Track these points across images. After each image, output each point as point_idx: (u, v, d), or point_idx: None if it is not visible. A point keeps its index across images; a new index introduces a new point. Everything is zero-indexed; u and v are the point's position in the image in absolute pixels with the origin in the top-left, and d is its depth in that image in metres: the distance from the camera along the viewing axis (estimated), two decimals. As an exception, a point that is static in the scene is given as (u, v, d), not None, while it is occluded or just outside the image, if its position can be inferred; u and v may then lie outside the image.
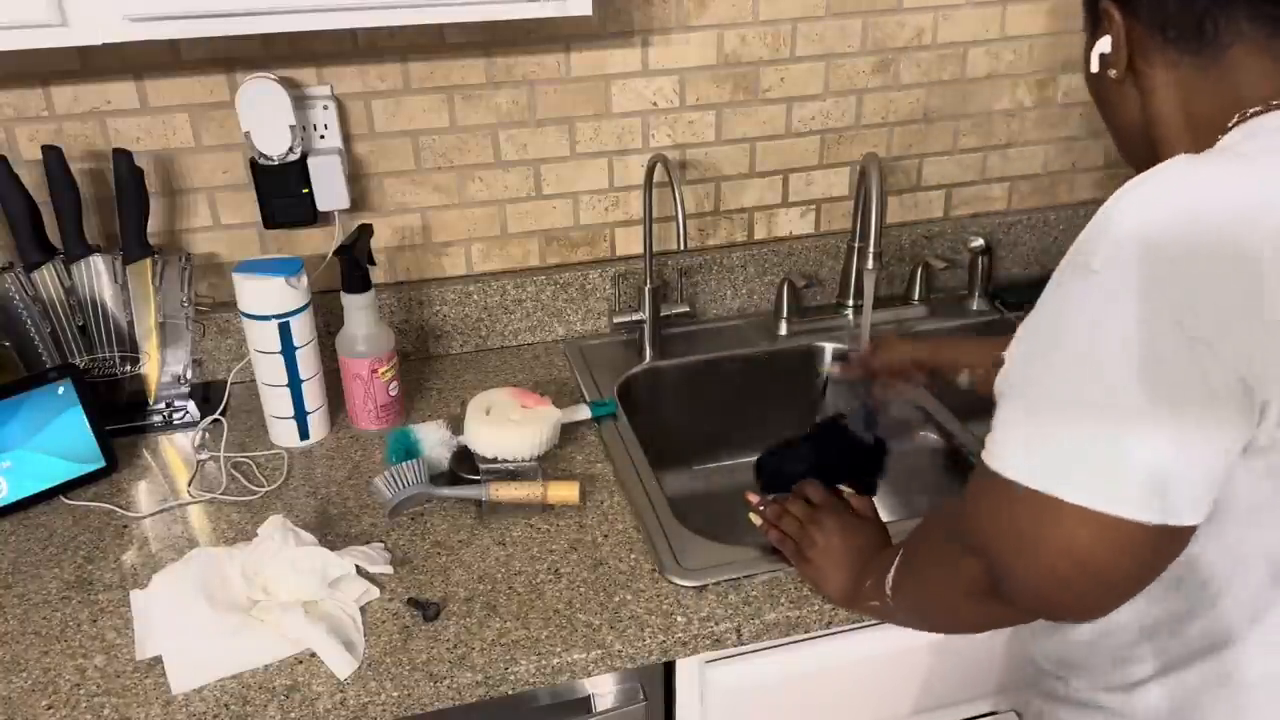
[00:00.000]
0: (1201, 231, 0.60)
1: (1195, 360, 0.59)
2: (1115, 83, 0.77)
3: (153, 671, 0.93)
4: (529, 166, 1.41)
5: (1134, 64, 0.75)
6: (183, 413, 1.31)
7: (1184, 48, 0.72)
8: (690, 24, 1.38)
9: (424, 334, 1.46)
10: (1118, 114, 0.80)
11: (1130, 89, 0.77)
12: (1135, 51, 0.75)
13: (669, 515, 1.10)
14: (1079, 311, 0.63)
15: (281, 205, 1.31)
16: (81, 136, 1.26)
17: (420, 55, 1.31)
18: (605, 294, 1.50)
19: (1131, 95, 0.77)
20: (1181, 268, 0.60)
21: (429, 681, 0.91)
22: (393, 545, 1.08)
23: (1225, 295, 0.59)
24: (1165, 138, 0.75)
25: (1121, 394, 0.61)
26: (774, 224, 1.56)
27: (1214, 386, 0.60)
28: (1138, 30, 0.74)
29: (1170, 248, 0.60)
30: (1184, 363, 0.60)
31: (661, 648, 0.96)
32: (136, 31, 0.99)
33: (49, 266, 1.24)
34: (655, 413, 1.44)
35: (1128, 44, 0.75)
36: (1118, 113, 0.80)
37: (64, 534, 1.11)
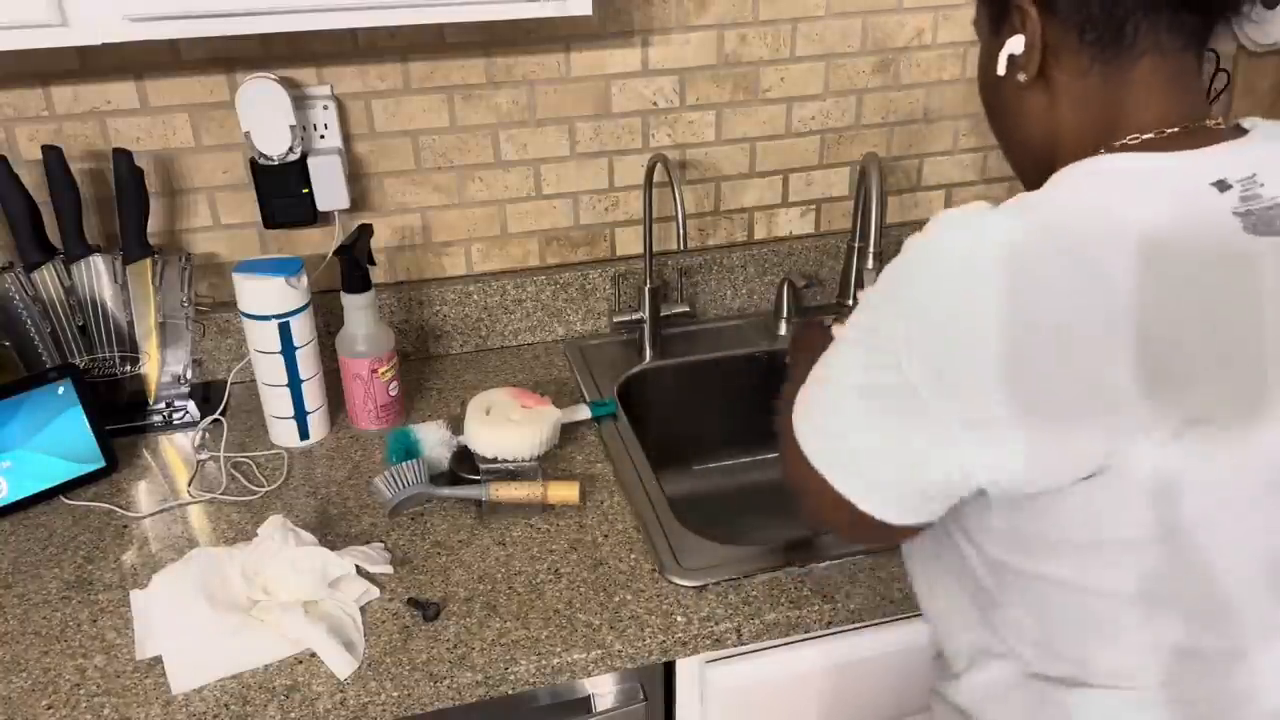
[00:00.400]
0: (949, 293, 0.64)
1: (910, 400, 0.66)
2: (1020, 89, 0.74)
3: (153, 671, 0.93)
4: (529, 166, 1.41)
5: (1044, 67, 0.72)
6: (183, 413, 1.31)
7: (1098, 54, 0.70)
8: (690, 24, 1.38)
9: (424, 334, 1.46)
10: (1018, 123, 0.77)
11: (1036, 95, 0.74)
12: (1048, 54, 0.72)
13: (669, 515, 1.10)
14: (852, 334, 0.71)
15: (281, 205, 1.31)
16: (81, 136, 1.26)
17: (420, 55, 1.31)
18: (605, 294, 1.50)
19: (1037, 102, 0.74)
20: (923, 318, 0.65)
21: (429, 681, 0.91)
22: (393, 545, 1.08)
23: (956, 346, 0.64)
24: (1066, 149, 0.73)
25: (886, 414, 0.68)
26: (774, 224, 1.56)
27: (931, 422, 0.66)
28: (1054, 30, 0.71)
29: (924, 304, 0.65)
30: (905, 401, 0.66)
31: (661, 648, 0.96)
32: (136, 31, 0.99)
33: (49, 266, 1.24)
34: (655, 413, 1.44)
35: (1041, 45, 0.72)
36: (1019, 122, 0.77)
37: (64, 534, 1.11)
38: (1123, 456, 0.63)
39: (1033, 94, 0.74)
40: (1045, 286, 0.62)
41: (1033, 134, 0.75)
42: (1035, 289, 0.62)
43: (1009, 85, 0.75)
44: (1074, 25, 0.70)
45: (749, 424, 1.51)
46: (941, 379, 0.64)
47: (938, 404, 0.64)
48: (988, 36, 0.77)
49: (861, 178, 1.47)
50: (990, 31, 0.77)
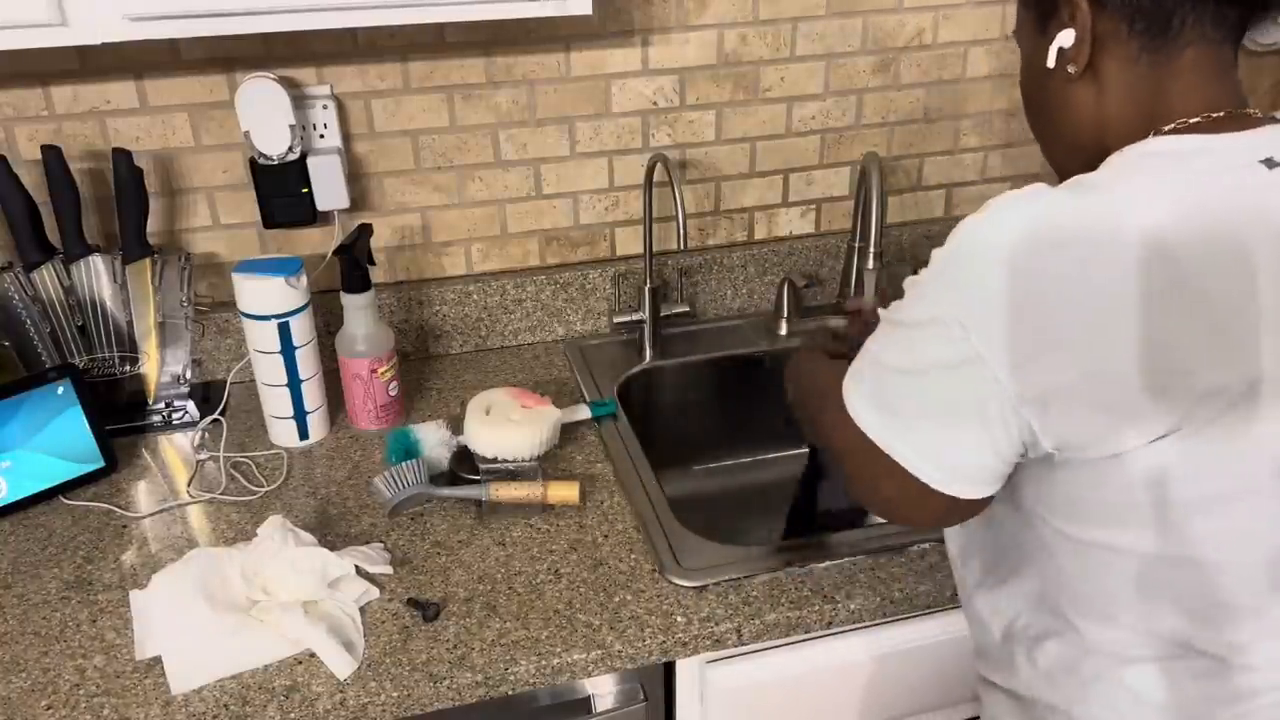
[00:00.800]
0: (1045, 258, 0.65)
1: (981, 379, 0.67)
2: (1068, 81, 0.76)
3: (152, 672, 0.93)
4: (529, 166, 1.41)
5: (1093, 58, 0.74)
6: (182, 413, 1.31)
7: (1146, 43, 0.72)
8: (690, 23, 1.37)
9: (424, 334, 1.46)
10: (1066, 117, 0.78)
11: (1085, 87, 0.75)
12: (1097, 45, 0.73)
13: (669, 515, 1.10)
14: (910, 304, 0.72)
15: (281, 205, 1.31)
16: (81, 136, 1.25)
17: (420, 55, 1.31)
18: (605, 294, 1.50)
19: (1086, 94, 0.75)
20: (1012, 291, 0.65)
21: (429, 682, 0.91)
22: (392, 545, 1.08)
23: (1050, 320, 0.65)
24: (1115, 137, 0.74)
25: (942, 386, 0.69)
26: (774, 224, 1.56)
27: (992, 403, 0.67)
28: (1103, 22, 0.72)
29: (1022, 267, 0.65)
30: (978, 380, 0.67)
31: (661, 648, 0.95)
32: (136, 31, 0.98)
33: (48, 266, 1.24)
34: (655, 413, 1.44)
35: (1091, 37, 0.73)
36: (1066, 115, 0.78)
37: (63, 534, 1.11)
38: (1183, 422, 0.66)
39: (1081, 86, 0.75)
40: (1099, 265, 0.64)
41: (1081, 126, 0.77)
42: (1090, 266, 0.64)
43: (1058, 79, 0.76)
44: (1124, 16, 0.72)
45: (749, 424, 1.51)
46: (1011, 351, 0.65)
47: (1006, 374, 0.66)
48: (1033, 36, 0.79)
49: (862, 177, 1.47)
50: (1037, 31, 0.78)
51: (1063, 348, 0.64)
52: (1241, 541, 0.69)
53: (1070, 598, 0.75)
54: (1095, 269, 0.64)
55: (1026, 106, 0.83)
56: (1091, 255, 0.64)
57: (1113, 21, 0.72)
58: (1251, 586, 0.70)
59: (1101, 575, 0.72)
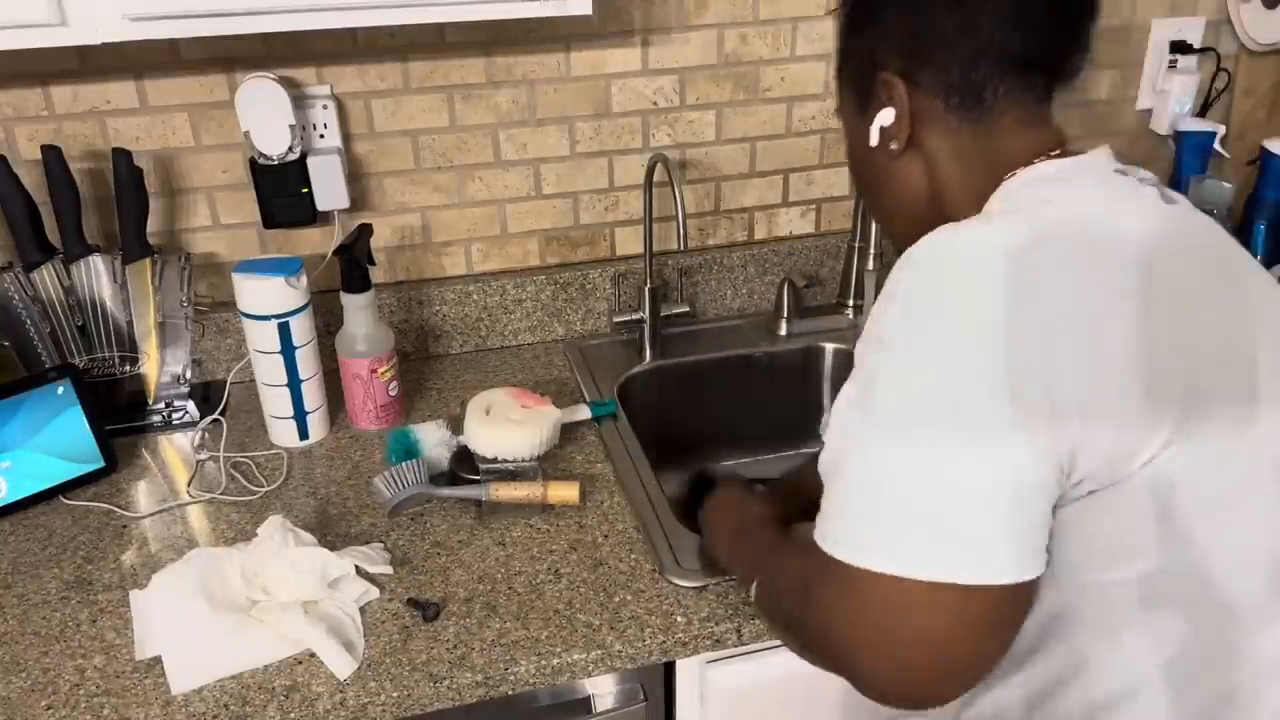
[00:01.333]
0: (974, 289, 0.64)
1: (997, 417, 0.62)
2: (893, 157, 0.79)
3: (152, 672, 0.92)
4: (529, 166, 1.41)
5: (915, 134, 0.77)
6: (182, 413, 1.31)
7: (964, 115, 0.75)
8: (690, 23, 1.37)
9: (424, 334, 1.46)
10: (897, 189, 0.81)
11: (911, 161, 0.78)
12: (916, 121, 0.77)
13: (669, 515, 1.10)
14: (883, 390, 0.65)
15: (281, 205, 1.31)
16: (81, 136, 1.25)
17: (420, 55, 1.31)
18: (605, 294, 1.50)
19: (912, 168, 0.79)
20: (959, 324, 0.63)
21: (429, 682, 0.91)
22: (392, 545, 1.08)
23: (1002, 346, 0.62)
24: (953, 204, 0.76)
25: (943, 458, 0.62)
26: (774, 224, 1.56)
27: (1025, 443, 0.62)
28: (920, 99, 0.76)
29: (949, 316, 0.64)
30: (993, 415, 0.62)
31: (662, 648, 0.95)
32: (136, 31, 0.99)
33: (48, 266, 1.24)
34: (655, 413, 1.44)
35: (909, 114, 0.76)
36: (898, 189, 0.80)
37: (63, 534, 1.11)
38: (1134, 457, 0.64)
39: (907, 161, 0.79)
40: (1060, 284, 0.64)
41: (916, 197, 0.80)
42: (1049, 288, 0.64)
43: (884, 156, 0.80)
44: (938, 93, 0.75)
45: (749, 424, 1.50)
46: (1015, 394, 0.61)
47: (1023, 414, 0.61)
48: (854, 116, 0.82)
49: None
50: (857, 110, 0.81)
51: (1065, 352, 0.63)
52: (1244, 547, 0.69)
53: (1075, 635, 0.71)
54: (1080, 277, 0.65)
55: (858, 183, 0.86)
56: (1084, 257, 0.65)
57: (929, 98, 0.76)
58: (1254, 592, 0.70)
59: (1107, 605, 0.69)
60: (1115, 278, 0.65)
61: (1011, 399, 0.61)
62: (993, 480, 0.61)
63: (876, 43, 0.78)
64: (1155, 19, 1.55)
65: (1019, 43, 0.73)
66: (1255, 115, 1.64)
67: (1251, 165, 1.61)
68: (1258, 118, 1.64)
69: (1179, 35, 1.57)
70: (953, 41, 0.74)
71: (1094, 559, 0.68)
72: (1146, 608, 0.69)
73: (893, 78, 0.76)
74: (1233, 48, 1.60)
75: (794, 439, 1.52)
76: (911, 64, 0.76)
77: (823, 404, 1.52)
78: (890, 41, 0.77)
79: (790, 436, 1.52)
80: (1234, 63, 1.60)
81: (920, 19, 0.75)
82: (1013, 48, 0.73)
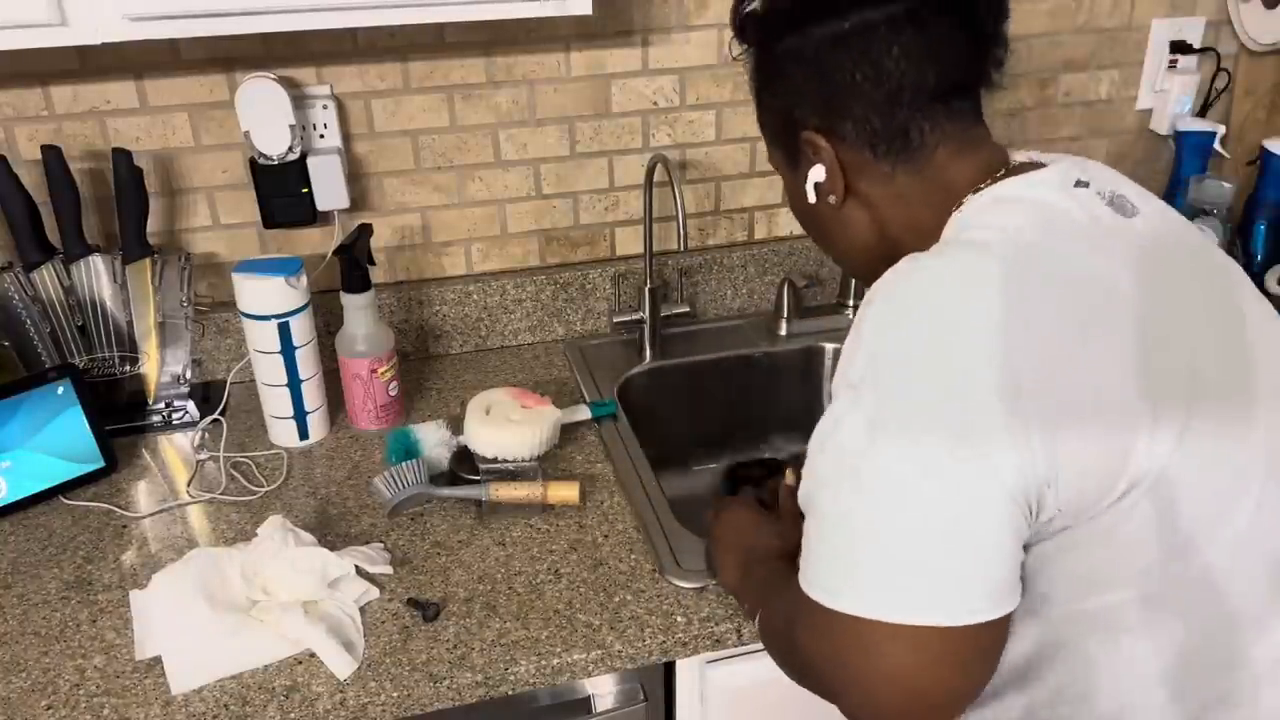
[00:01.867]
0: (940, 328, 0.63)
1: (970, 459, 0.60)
2: (835, 210, 0.78)
3: (152, 672, 0.92)
4: (529, 166, 1.41)
5: (850, 186, 0.76)
6: (182, 413, 1.31)
7: (895, 160, 0.74)
8: (690, 23, 1.37)
9: (424, 334, 1.46)
10: (846, 237, 0.80)
11: (854, 210, 0.77)
12: (849, 173, 0.75)
13: (669, 515, 1.10)
14: (849, 433, 0.64)
15: (281, 205, 1.31)
16: (81, 136, 1.25)
17: (420, 55, 1.31)
18: (605, 294, 1.50)
19: (856, 216, 0.78)
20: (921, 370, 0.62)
21: (429, 682, 0.91)
22: (392, 545, 1.08)
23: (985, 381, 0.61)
24: (906, 241, 0.75)
25: (912, 502, 0.61)
26: (774, 224, 1.56)
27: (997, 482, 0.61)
28: (847, 152, 0.75)
29: (918, 350, 0.63)
30: (960, 466, 0.60)
31: (662, 648, 0.95)
32: (136, 31, 0.98)
33: (48, 266, 1.23)
34: (655, 413, 1.44)
35: (840, 168, 0.75)
36: (846, 236, 0.80)
37: (63, 534, 1.11)
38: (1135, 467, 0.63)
39: (850, 209, 0.78)
40: (1040, 301, 0.64)
41: (865, 241, 0.79)
42: (1031, 305, 0.63)
43: (823, 209, 0.79)
44: (864, 144, 0.74)
45: (749, 424, 1.50)
46: (982, 430, 0.60)
47: (1002, 436, 0.60)
48: (787, 172, 0.81)
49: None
50: (789, 167, 0.80)
51: (1043, 375, 0.62)
52: (1244, 551, 0.69)
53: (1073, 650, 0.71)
54: (1046, 300, 0.64)
55: (807, 231, 0.84)
56: (1027, 291, 0.64)
57: (855, 150, 0.74)
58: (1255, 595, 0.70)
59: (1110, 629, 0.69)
60: (1076, 297, 0.64)
61: (977, 437, 0.60)
62: (960, 523, 0.61)
63: (790, 100, 0.77)
64: (1155, 19, 1.55)
65: (933, 76, 0.71)
66: (1255, 115, 1.64)
67: (1251, 165, 1.61)
68: (1258, 118, 1.64)
69: (1179, 35, 1.57)
70: (864, 91, 0.72)
71: (1092, 586, 0.68)
72: (1146, 617, 0.69)
73: (814, 136, 0.75)
74: (1233, 48, 1.60)
75: (794, 439, 1.52)
76: (829, 119, 0.74)
77: (823, 404, 1.52)
78: (803, 99, 0.75)
79: (790, 436, 1.52)
80: (1234, 63, 1.60)
81: (825, 75, 0.73)
82: (927, 82, 0.71)
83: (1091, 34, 1.53)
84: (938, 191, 0.73)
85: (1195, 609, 0.69)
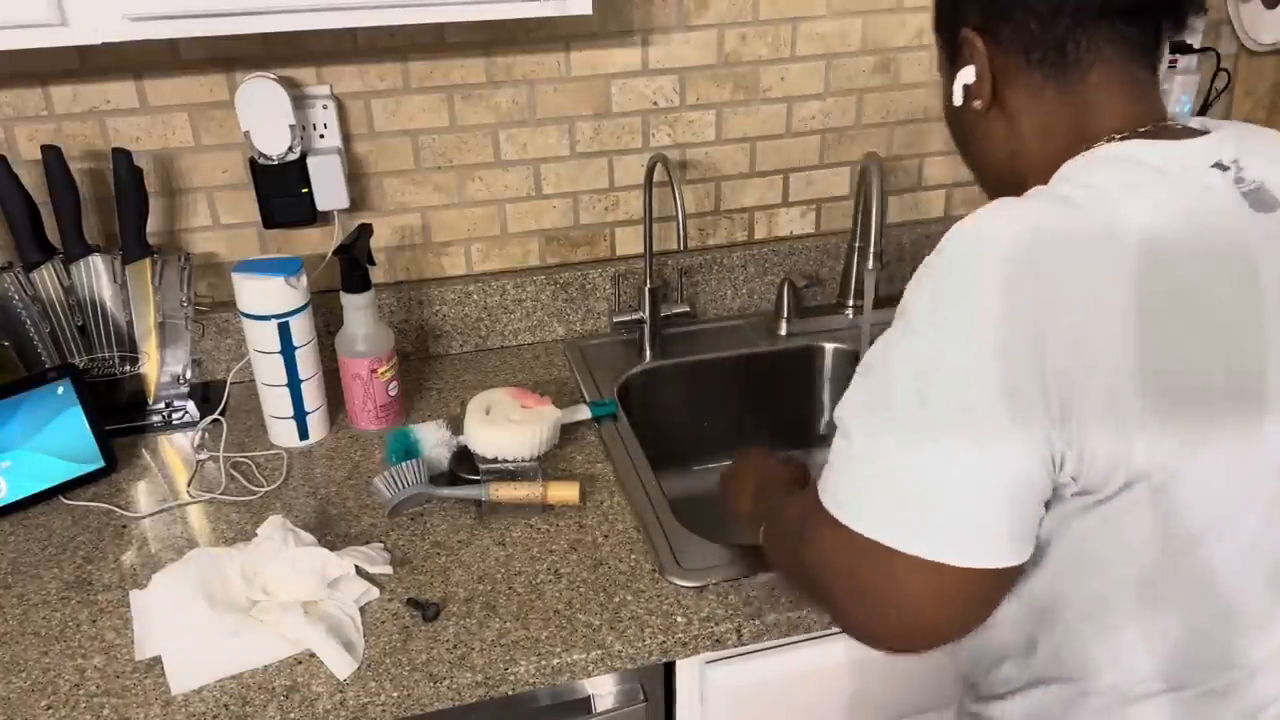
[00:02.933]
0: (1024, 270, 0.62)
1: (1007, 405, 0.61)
2: (980, 114, 0.76)
3: (152, 672, 0.92)
4: (529, 166, 1.41)
5: (999, 92, 0.74)
6: (182, 413, 1.31)
7: (1048, 71, 0.72)
8: (690, 23, 1.37)
9: (424, 334, 1.46)
10: (984, 147, 0.79)
11: (995, 122, 0.76)
12: (1000, 79, 0.74)
13: (669, 515, 1.10)
14: (895, 363, 0.65)
15: (281, 205, 1.31)
16: (81, 136, 1.25)
17: (420, 55, 1.31)
18: (605, 294, 1.50)
19: (996, 130, 0.76)
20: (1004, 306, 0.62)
21: (429, 682, 0.91)
22: (392, 545, 1.08)
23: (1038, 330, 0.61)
24: (1029, 170, 0.74)
25: (942, 445, 0.63)
26: (774, 224, 1.56)
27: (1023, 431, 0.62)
28: (1001, 57, 0.73)
29: (965, 299, 0.63)
30: (995, 409, 0.61)
31: (662, 648, 0.95)
32: (136, 31, 0.99)
33: (48, 266, 1.23)
34: (655, 413, 1.44)
35: (992, 72, 0.74)
36: (984, 146, 0.78)
37: (63, 534, 1.11)
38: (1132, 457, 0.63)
39: (992, 119, 0.76)
40: (1100, 266, 0.63)
41: (999, 157, 0.77)
42: (1091, 267, 0.62)
43: (969, 114, 0.77)
44: (1019, 50, 0.72)
45: (749, 424, 1.50)
46: (1016, 360, 0.61)
47: (1018, 410, 0.61)
48: (944, 69, 0.80)
49: (862, 177, 1.47)
50: (946, 64, 0.79)
51: (1066, 351, 0.61)
52: (1246, 555, 0.69)
53: (1075, 637, 0.72)
54: (1096, 270, 0.62)
55: (953, 139, 0.83)
56: (1091, 256, 0.63)
57: (1010, 56, 0.72)
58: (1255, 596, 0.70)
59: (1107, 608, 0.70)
60: (1113, 283, 0.63)
61: (1008, 395, 0.61)
62: (987, 470, 0.62)
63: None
64: (1155, 19, 1.55)
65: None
66: (1255, 115, 1.64)
67: (1251, 165, 1.61)
68: (1257, 118, 1.64)
69: (1179, 35, 1.56)
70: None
71: (1091, 563, 0.68)
72: (1144, 609, 0.69)
73: (972, 34, 0.74)
74: (1233, 48, 1.60)
75: (794, 439, 1.52)
76: (991, 19, 0.72)
77: (823, 404, 1.52)
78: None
79: (790, 436, 1.52)
80: (1234, 63, 1.60)
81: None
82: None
83: (1091, 34, 1.53)
84: (1076, 123, 0.71)
85: (1194, 606, 0.69)
